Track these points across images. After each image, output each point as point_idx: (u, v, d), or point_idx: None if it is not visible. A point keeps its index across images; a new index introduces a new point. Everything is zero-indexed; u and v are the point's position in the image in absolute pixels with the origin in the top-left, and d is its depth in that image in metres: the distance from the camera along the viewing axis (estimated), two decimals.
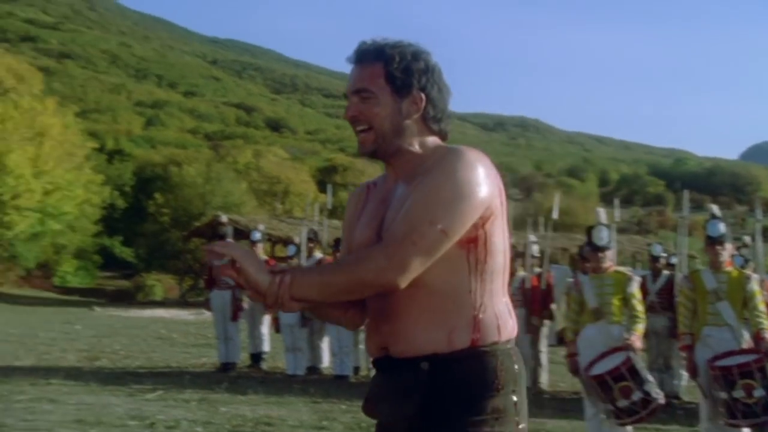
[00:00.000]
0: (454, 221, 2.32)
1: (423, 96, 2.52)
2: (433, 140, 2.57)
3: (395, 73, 2.50)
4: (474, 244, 2.39)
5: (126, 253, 48.09)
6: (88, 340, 16.86)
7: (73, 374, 11.62)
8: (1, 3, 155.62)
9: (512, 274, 11.99)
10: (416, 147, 2.53)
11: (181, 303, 33.54)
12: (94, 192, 38.12)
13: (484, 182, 2.38)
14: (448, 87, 2.62)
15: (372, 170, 60.42)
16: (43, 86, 40.43)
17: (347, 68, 2.58)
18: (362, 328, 2.67)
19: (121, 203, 45.50)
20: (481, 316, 2.40)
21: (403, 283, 2.31)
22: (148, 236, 43.65)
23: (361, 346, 12.84)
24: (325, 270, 2.44)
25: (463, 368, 2.37)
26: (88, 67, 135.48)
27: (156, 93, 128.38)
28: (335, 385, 11.72)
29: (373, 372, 2.61)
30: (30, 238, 36.54)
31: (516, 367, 2.45)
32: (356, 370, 12.69)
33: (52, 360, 13.40)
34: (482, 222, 2.39)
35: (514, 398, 2.42)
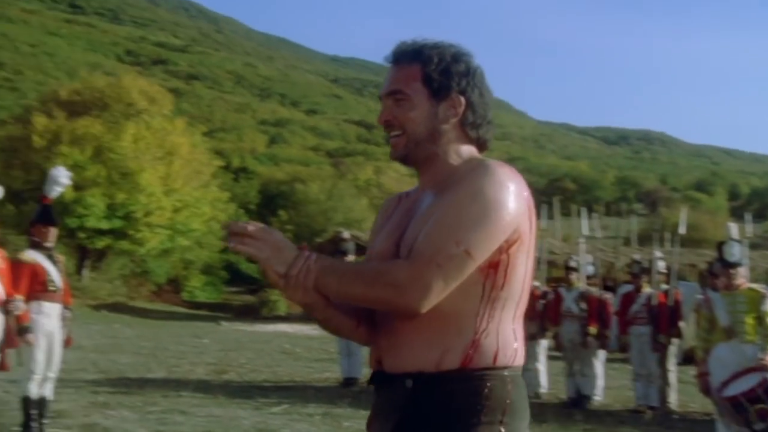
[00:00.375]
0: (480, 243, 2.16)
1: (462, 100, 2.36)
2: (468, 150, 2.40)
3: (433, 74, 2.34)
4: (494, 269, 2.22)
5: (251, 268, 49.16)
6: (216, 354, 17.30)
7: (202, 387, 11.95)
8: (135, 28, 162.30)
9: (638, 290, 11.72)
10: (450, 155, 2.37)
11: (304, 318, 33.98)
12: (220, 209, 39.20)
13: (514, 202, 2.21)
14: (491, 93, 2.45)
15: None
16: (173, 107, 41.83)
17: None
18: None
19: (246, 220, 46.54)
20: (481, 341, 2.21)
21: (425, 308, 2.15)
22: None
23: None
24: (349, 273, 2.21)
25: (447, 390, 2.19)
26: (215, 87, 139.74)
27: (279, 111, 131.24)
28: None
29: None
30: (161, 254, 37.88)
31: (510, 396, 2.22)
32: None
33: (182, 373, 13.81)
34: (507, 246, 2.22)
35: (501, 430, 2.18)
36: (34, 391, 7.96)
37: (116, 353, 16.61)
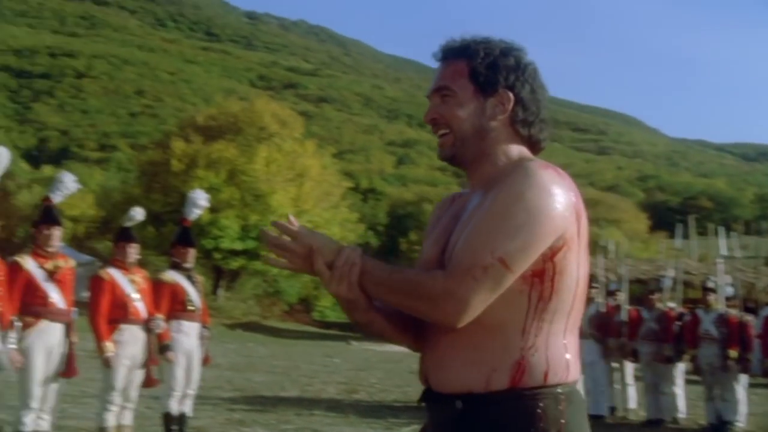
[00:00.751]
0: (518, 253, 2.04)
1: (511, 95, 2.25)
2: (518, 149, 2.27)
3: (479, 69, 2.24)
4: (539, 278, 2.09)
5: None
6: (347, 373, 17.47)
7: (334, 406, 12.08)
8: (267, 54, 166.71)
9: None
10: (498, 154, 2.25)
11: None
12: (349, 230, 39.69)
13: (557, 207, 2.07)
14: (545, 89, 2.33)
15: (610, 199, 58.68)
16: (303, 130, 42.73)
17: (598, 103, 2.39)
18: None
19: (374, 241, 47.02)
20: (528, 359, 2.10)
21: (463, 322, 2.07)
22: None
23: (617, 386, 12.45)
24: (386, 280, 2.13)
25: (498, 411, 2.10)
26: (344, 109, 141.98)
27: (406, 132, 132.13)
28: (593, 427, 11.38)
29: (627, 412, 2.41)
30: (292, 275, 38.52)
31: (565, 416, 2.12)
32: (612, 410, 12.30)
33: (314, 391, 14.00)
34: (552, 253, 2.09)
35: None
36: (174, 407, 8.22)
37: (251, 371, 16.98)
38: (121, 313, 7.54)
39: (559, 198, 2.08)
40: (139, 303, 7.66)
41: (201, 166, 35.83)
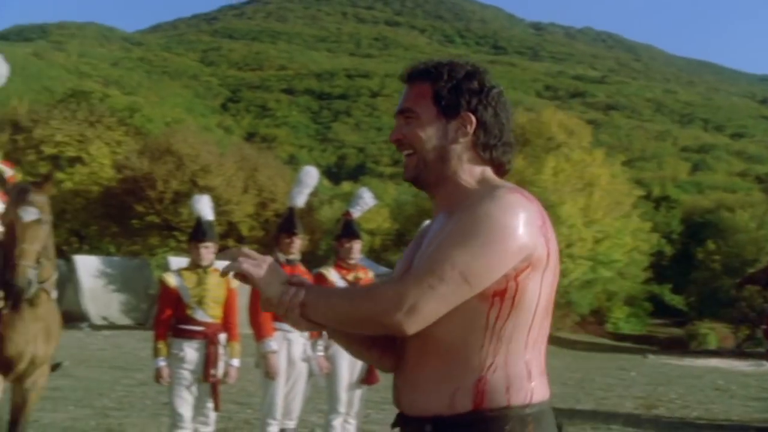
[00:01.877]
0: (480, 270, 2.04)
1: (473, 119, 2.24)
2: (482, 171, 2.28)
3: (442, 92, 2.25)
4: (500, 297, 2.09)
5: (676, 300, 47.55)
6: (644, 388, 16.88)
7: (632, 421, 11.70)
8: (553, 63, 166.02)
9: None
10: (463, 177, 2.26)
11: (738, 353, 32.06)
12: (642, 239, 38.43)
13: (522, 229, 2.08)
14: (510, 114, 2.32)
15: None
16: (591, 138, 42.02)
17: None
18: None
19: (669, 250, 45.25)
20: (489, 377, 2.10)
21: (411, 328, 2.05)
22: (699, 283, 42.74)
23: None
24: (335, 295, 2.23)
25: None
26: (633, 116, 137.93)
27: (702, 137, 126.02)
28: None
29: None
30: (583, 285, 37.95)
31: None
32: None
33: (611, 405, 13.64)
34: (515, 274, 2.09)
35: None
36: None
37: None
38: None
39: (526, 221, 2.09)
40: None
41: None
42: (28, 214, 5.44)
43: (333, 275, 7.27)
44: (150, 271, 29.00)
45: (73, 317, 22.67)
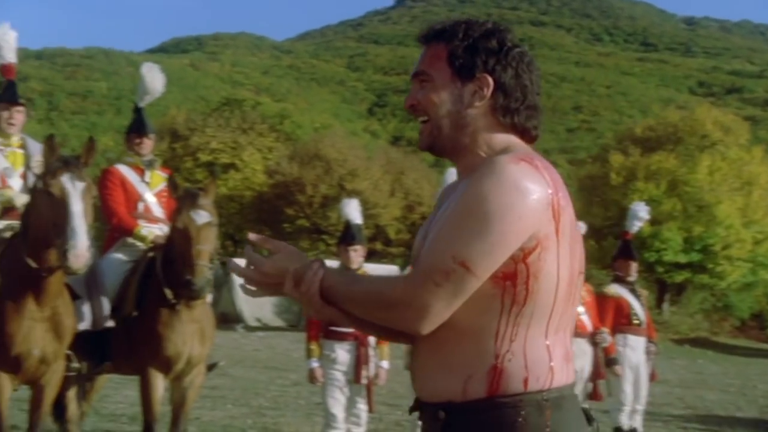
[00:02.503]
0: (481, 256, 1.91)
1: (490, 80, 2.06)
2: (503, 138, 2.09)
3: (456, 52, 2.07)
4: (512, 281, 1.95)
5: None
6: None
7: None
8: (707, 59, 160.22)
9: None
10: (480, 144, 2.09)
11: None
12: None
13: (527, 205, 1.91)
14: (536, 76, 2.11)
15: None
16: (749, 135, 40.28)
17: None
18: None
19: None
20: (505, 364, 1.97)
21: (426, 330, 1.98)
22: None
23: None
24: (347, 294, 2.05)
25: (479, 421, 1.98)
26: None
27: None
28: None
29: None
30: (742, 288, 36.46)
31: (549, 424, 1.96)
32: None
33: None
34: (524, 255, 1.94)
35: None
36: (624, 422, 8.14)
37: (702, 389, 16.30)
38: None
39: (530, 195, 1.92)
40: (584, 316, 7.71)
41: (640, 178, 35.28)
42: (201, 217, 5.74)
43: None
44: None
45: (228, 319, 23.45)
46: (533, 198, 1.93)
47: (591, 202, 36.81)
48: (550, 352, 2.02)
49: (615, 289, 8.30)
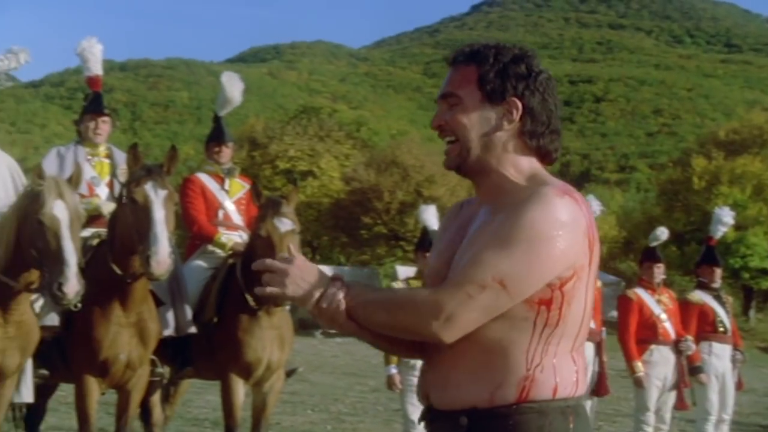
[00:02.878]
0: (520, 280, 1.99)
1: (519, 104, 2.12)
2: (528, 163, 2.16)
3: (488, 76, 2.13)
4: (547, 306, 2.04)
5: None
6: None
7: None
8: None
9: None
10: (507, 168, 2.15)
11: None
12: None
13: (568, 237, 2.01)
14: (558, 100, 2.19)
15: None
16: None
17: None
18: None
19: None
20: (536, 375, 2.05)
21: (450, 338, 2.02)
22: None
23: None
24: (373, 301, 2.09)
25: (504, 425, 2.05)
26: None
27: None
28: None
29: None
30: None
31: (571, 427, 2.07)
32: None
33: None
34: (560, 283, 2.03)
35: None
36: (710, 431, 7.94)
37: None
38: (650, 333, 7.51)
39: (573, 229, 2.02)
40: (667, 323, 7.57)
41: (724, 182, 34.55)
42: (284, 224, 5.79)
43: None
44: (379, 280, 29.83)
45: (307, 325, 23.65)
46: (575, 232, 2.04)
47: (672, 207, 36.19)
48: (576, 364, 2.13)
49: (699, 296, 8.13)
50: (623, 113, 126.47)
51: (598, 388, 7.17)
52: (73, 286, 4.58)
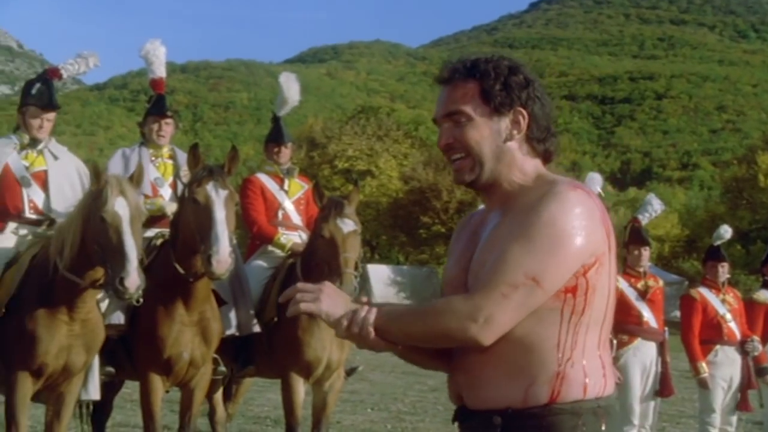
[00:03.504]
0: (551, 273, 2.06)
1: (525, 113, 2.21)
2: (533, 166, 2.25)
3: (492, 90, 2.19)
4: (572, 294, 2.10)
5: None
6: None
7: None
8: None
9: None
10: (515, 172, 2.23)
11: None
12: None
13: (588, 227, 2.09)
14: (550, 102, 2.28)
15: None
16: None
17: None
18: None
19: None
20: (566, 371, 2.10)
21: (489, 340, 2.07)
22: None
23: None
24: (406, 315, 2.18)
25: (538, 425, 2.10)
26: None
27: None
28: None
29: None
30: None
31: (603, 428, 2.13)
32: None
33: None
34: (584, 270, 2.10)
35: None
36: None
37: None
38: (714, 333, 7.38)
39: (589, 218, 2.10)
40: (732, 323, 7.43)
41: None
42: (347, 225, 5.81)
43: (621, 283, 7.11)
44: (438, 279, 29.76)
45: None
46: (592, 221, 2.12)
47: (737, 204, 35.55)
48: (603, 361, 2.18)
49: (765, 296, 7.96)
50: (686, 110, 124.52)
51: (662, 388, 7.07)
52: (134, 280, 4.66)
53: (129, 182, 4.98)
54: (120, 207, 4.80)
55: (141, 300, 4.90)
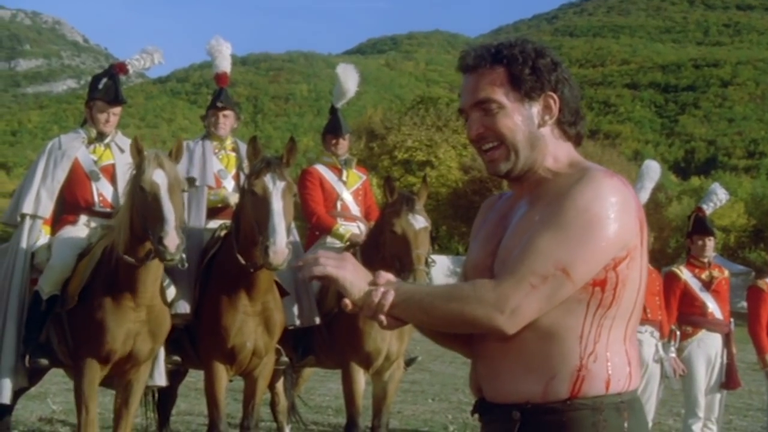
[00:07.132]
0: (581, 264, 1.99)
1: (556, 98, 2.14)
2: (566, 151, 2.19)
3: (522, 75, 2.11)
4: (601, 287, 2.03)
5: None
6: None
7: None
8: None
9: None
10: (549, 160, 2.16)
11: None
12: None
13: (622, 219, 2.01)
14: (577, 84, 2.20)
15: None
16: None
17: None
18: None
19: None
20: (589, 366, 2.03)
21: (513, 330, 2.00)
22: None
23: None
24: (428, 296, 2.05)
25: (558, 421, 2.03)
26: None
27: None
28: None
29: None
30: None
31: (626, 425, 2.05)
32: None
33: None
34: (615, 264, 2.03)
35: None
36: None
37: None
38: None
39: (624, 208, 2.02)
40: None
41: None
42: (419, 222, 5.82)
43: (685, 274, 7.02)
44: None
45: None
46: (628, 212, 2.04)
47: None
48: (629, 356, 2.10)
49: None
50: (752, 97, 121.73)
51: (728, 381, 6.96)
52: (172, 238, 4.74)
53: (167, 156, 5.09)
54: (158, 177, 4.92)
55: (186, 264, 5.01)
